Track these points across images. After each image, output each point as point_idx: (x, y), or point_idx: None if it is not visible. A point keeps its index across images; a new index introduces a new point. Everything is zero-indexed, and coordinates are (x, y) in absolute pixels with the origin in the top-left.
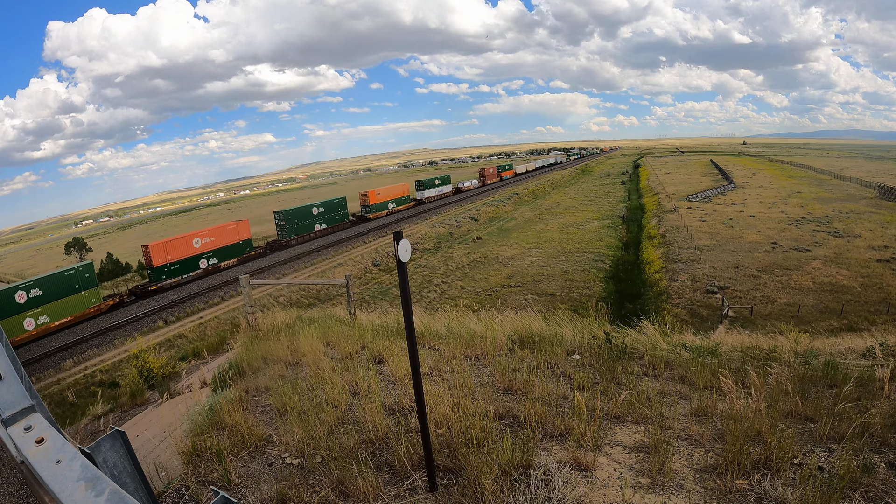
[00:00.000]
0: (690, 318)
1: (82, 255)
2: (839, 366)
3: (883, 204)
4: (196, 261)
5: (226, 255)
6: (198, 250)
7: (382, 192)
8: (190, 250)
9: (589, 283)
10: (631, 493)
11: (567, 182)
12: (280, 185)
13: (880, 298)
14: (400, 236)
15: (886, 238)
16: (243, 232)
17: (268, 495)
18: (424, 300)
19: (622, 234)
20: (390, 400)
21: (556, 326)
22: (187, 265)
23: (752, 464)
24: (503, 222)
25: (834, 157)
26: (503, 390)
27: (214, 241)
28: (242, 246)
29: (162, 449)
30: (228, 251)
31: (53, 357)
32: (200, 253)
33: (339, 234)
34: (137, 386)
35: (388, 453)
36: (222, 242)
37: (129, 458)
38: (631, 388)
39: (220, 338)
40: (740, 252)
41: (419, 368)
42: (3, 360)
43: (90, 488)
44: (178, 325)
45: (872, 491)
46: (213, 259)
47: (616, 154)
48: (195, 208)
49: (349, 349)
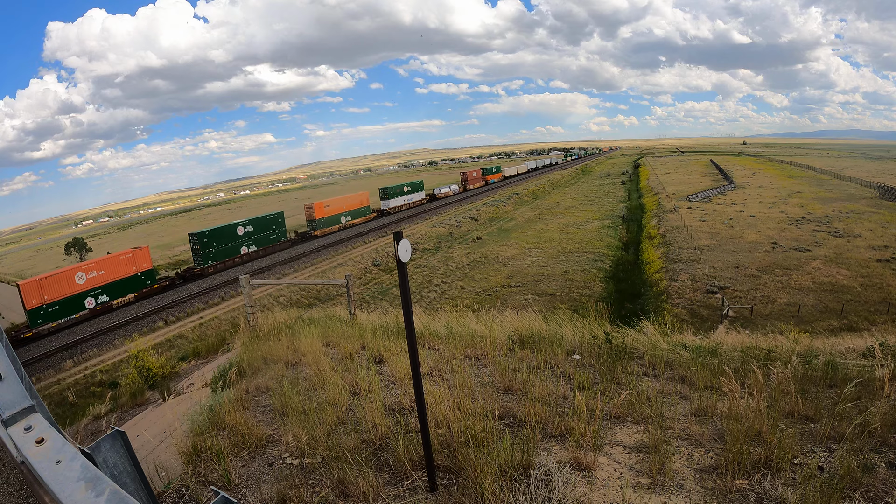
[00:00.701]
0: (690, 318)
1: (82, 254)
2: (839, 366)
3: (883, 204)
4: (81, 300)
5: (119, 290)
6: (82, 287)
7: (333, 203)
8: (72, 287)
9: (589, 283)
10: (631, 493)
11: (567, 182)
12: (280, 185)
13: (880, 298)
14: (400, 236)
15: (886, 238)
16: (142, 261)
17: (268, 495)
18: (424, 300)
19: (622, 234)
20: (390, 400)
21: (556, 326)
22: (69, 306)
23: (752, 464)
24: (503, 222)
25: (834, 157)
26: (503, 390)
27: (104, 275)
28: (141, 279)
29: (162, 449)
30: (122, 286)
31: (53, 357)
32: (86, 290)
33: (270, 257)
34: (137, 386)
35: (388, 453)
36: (114, 276)
37: (129, 458)
38: (631, 388)
39: (220, 338)
40: (740, 252)
41: (419, 368)
42: (3, 360)
43: (90, 488)
44: (178, 325)
45: (872, 491)
46: (103, 297)
47: (616, 154)
48: (195, 208)
49: (349, 349)
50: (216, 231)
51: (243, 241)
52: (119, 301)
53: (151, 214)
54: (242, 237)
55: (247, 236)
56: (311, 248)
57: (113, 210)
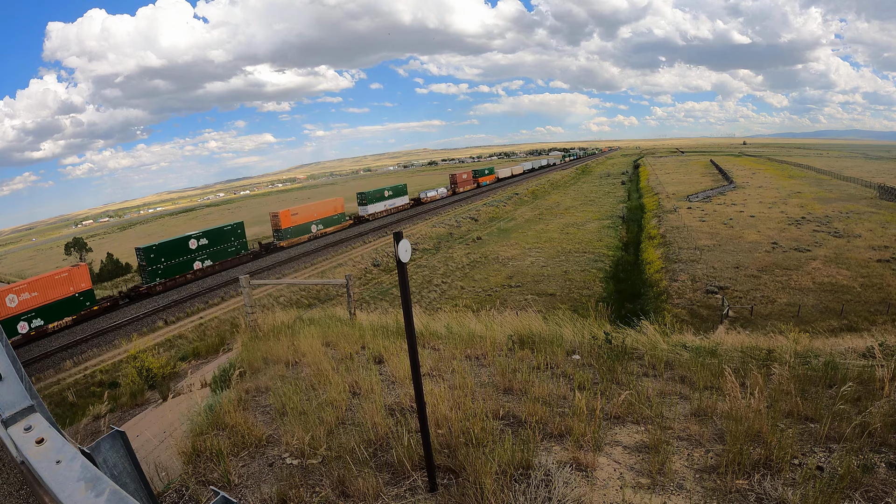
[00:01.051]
0: (690, 318)
1: (82, 255)
2: (839, 366)
3: (883, 204)
4: (13, 324)
5: (54, 313)
6: (14, 311)
7: (302, 211)
8: (3, 311)
9: (589, 283)
10: (631, 493)
11: (567, 182)
12: (280, 185)
13: (880, 298)
14: (400, 236)
15: (886, 238)
16: (79, 281)
17: (268, 495)
18: (424, 300)
19: (622, 235)
20: (390, 400)
21: (556, 326)
22: None
23: (752, 464)
24: (503, 222)
25: (834, 157)
26: (503, 390)
27: (37, 297)
28: (79, 300)
29: (162, 449)
30: (58, 308)
31: (53, 357)
32: (18, 314)
33: (229, 272)
34: (137, 386)
35: (388, 453)
36: (48, 298)
37: (129, 458)
38: (631, 388)
39: (220, 338)
40: (740, 252)
41: (419, 368)
42: (3, 360)
43: (90, 488)
44: (178, 325)
45: (872, 491)
46: (38, 321)
47: (616, 154)
48: (195, 208)
49: (349, 349)
50: (165, 245)
51: (197, 255)
52: (55, 325)
53: (151, 214)
54: (196, 251)
55: (201, 250)
56: (277, 260)
57: (113, 210)
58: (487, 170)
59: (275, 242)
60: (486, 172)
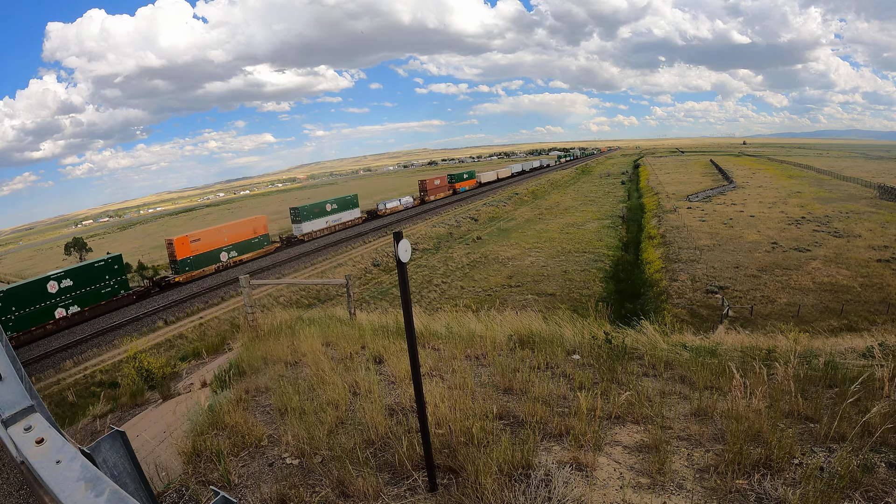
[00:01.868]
0: (690, 318)
1: (82, 255)
2: (839, 366)
3: (883, 204)
4: None
5: None
6: None
7: (207, 236)
8: None
9: (589, 283)
10: (631, 492)
11: (567, 182)
12: (280, 185)
13: (880, 298)
14: (400, 236)
15: (886, 238)
16: None
17: (268, 495)
18: (424, 300)
19: (622, 234)
20: (390, 400)
21: (556, 326)
22: None
23: (752, 464)
24: (503, 222)
25: (834, 157)
26: (503, 390)
27: None
28: None
29: (162, 449)
30: None
31: (53, 357)
32: None
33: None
34: (137, 386)
35: (388, 453)
36: None
37: (129, 458)
38: (631, 388)
39: (220, 338)
40: (740, 252)
41: (419, 368)
42: (3, 360)
43: (90, 488)
44: (178, 325)
45: (872, 491)
46: None
47: (616, 154)
48: (195, 208)
49: (349, 349)
50: (14, 291)
51: (58, 300)
52: None
53: (151, 214)
54: (56, 295)
55: (63, 293)
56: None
57: (113, 210)
58: (467, 174)
59: (170, 277)
60: (464, 177)
